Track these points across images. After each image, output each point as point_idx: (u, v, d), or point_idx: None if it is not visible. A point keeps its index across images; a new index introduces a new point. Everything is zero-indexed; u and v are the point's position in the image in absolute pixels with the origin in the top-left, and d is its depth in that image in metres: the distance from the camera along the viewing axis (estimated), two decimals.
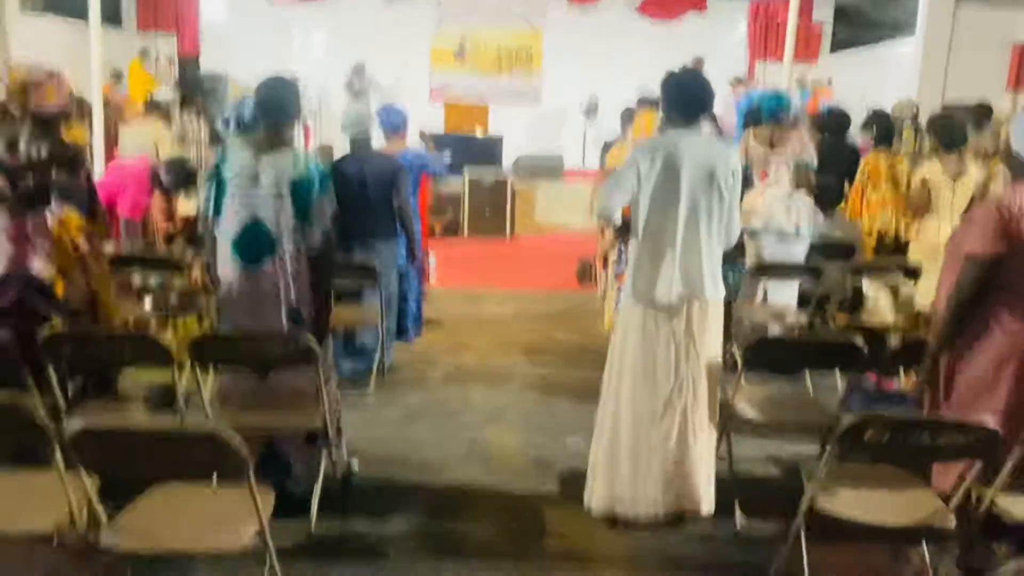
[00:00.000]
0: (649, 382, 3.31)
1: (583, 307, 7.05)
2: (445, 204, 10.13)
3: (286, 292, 3.29)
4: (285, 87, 3.36)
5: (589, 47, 14.42)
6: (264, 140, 3.30)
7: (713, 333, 3.35)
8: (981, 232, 2.80)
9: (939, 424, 2.49)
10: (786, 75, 8.35)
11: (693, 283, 3.26)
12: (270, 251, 3.26)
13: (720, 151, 3.30)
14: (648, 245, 3.28)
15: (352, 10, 14.37)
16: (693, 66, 12.41)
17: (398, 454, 4.03)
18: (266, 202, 3.23)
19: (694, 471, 3.35)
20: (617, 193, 3.26)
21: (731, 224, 3.35)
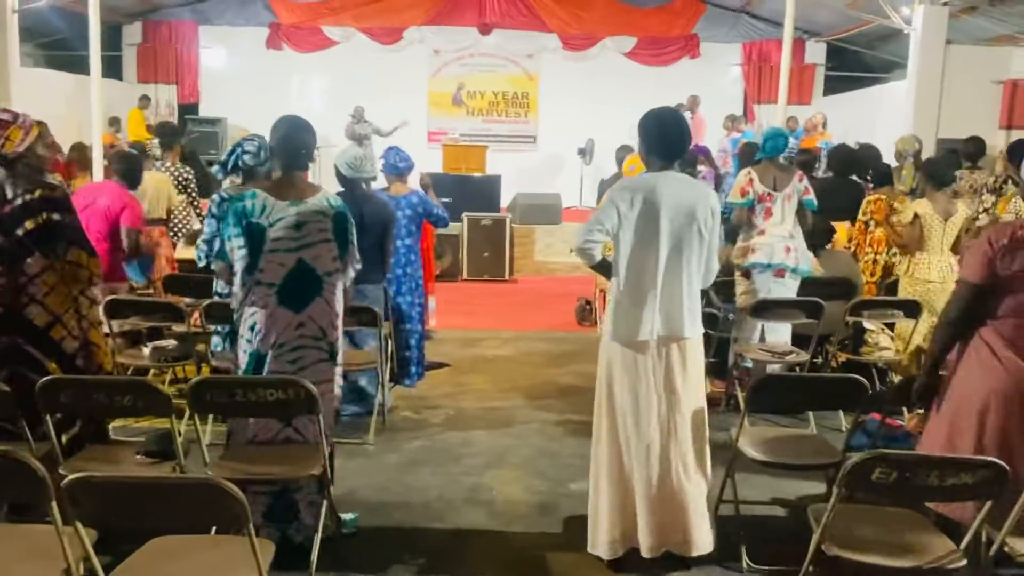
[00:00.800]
0: (632, 422, 3.30)
1: (584, 348, 7.01)
2: (444, 246, 10.14)
3: (330, 332, 3.31)
4: (305, 129, 3.39)
5: (584, 91, 14.65)
6: (290, 184, 3.31)
7: (694, 371, 3.36)
8: (971, 259, 2.91)
9: (947, 463, 2.46)
10: (780, 117, 8.43)
11: (673, 323, 3.26)
12: (317, 293, 3.27)
13: (700, 191, 3.33)
14: (628, 285, 3.29)
15: (350, 57, 14.59)
16: (688, 104, 12.60)
17: (399, 500, 3.99)
18: (311, 246, 3.24)
19: (683, 511, 3.30)
20: (596, 232, 3.28)
21: (710, 263, 3.36)
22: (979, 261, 2.87)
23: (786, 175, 5.38)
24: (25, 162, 3.45)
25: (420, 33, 14.72)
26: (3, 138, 3.38)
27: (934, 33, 10.53)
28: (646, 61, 15.03)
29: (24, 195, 3.38)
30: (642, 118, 3.42)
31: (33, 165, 3.50)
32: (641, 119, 3.42)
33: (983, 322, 2.92)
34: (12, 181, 3.40)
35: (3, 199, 3.38)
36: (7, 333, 3.39)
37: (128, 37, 14.66)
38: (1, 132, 3.39)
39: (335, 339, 3.35)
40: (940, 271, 5.36)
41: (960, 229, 5.41)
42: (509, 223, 10.45)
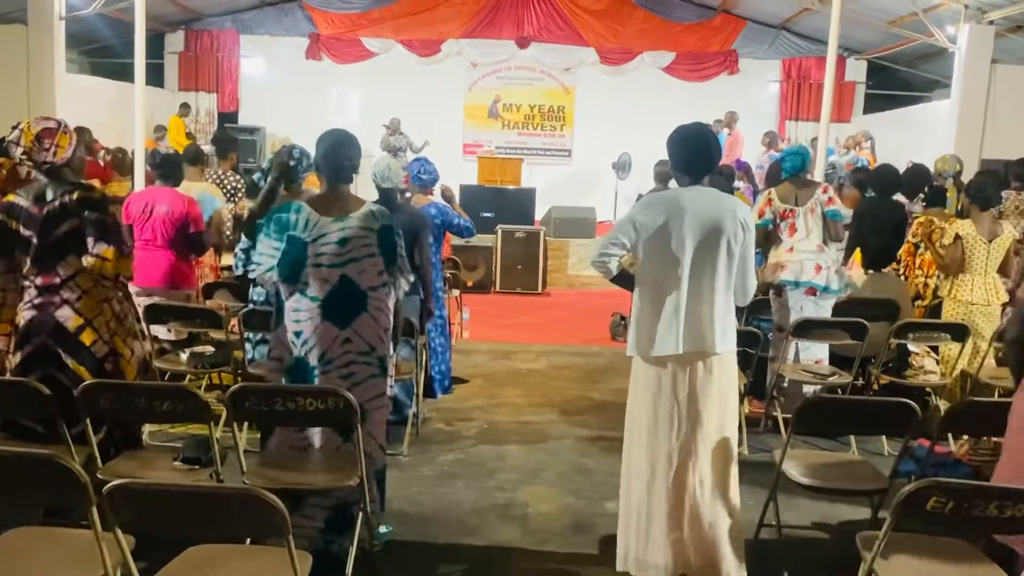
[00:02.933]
0: (651, 439, 3.24)
1: (618, 364, 6.93)
2: (477, 257, 10.14)
3: (379, 346, 3.28)
4: (350, 143, 3.37)
5: (620, 105, 14.63)
6: (335, 198, 3.29)
7: (724, 388, 3.27)
8: None
9: (1007, 493, 2.37)
10: (822, 135, 8.31)
11: (701, 337, 3.19)
12: (363, 309, 3.24)
13: (727, 204, 3.26)
14: (649, 298, 3.24)
15: (388, 68, 14.69)
16: (726, 121, 12.52)
17: (433, 514, 3.95)
18: (356, 261, 3.21)
19: (711, 533, 3.22)
20: (612, 246, 3.26)
21: (745, 277, 3.29)
22: None
23: (808, 190, 5.35)
24: (71, 167, 3.50)
25: (458, 46, 14.79)
26: (54, 146, 3.41)
27: (979, 52, 10.38)
28: (684, 76, 14.97)
29: (63, 197, 3.42)
30: (671, 134, 3.38)
31: (75, 168, 3.54)
32: (669, 135, 3.39)
33: None
34: (53, 185, 3.44)
35: (42, 201, 3.42)
36: (39, 335, 3.41)
37: (170, 45, 14.88)
38: (51, 140, 3.42)
39: (384, 353, 3.32)
40: (984, 292, 5.24)
41: (1008, 250, 5.29)
42: (543, 236, 10.42)
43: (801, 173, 5.46)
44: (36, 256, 3.43)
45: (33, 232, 3.42)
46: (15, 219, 3.43)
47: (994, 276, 5.31)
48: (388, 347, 3.35)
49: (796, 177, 5.42)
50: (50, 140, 3.40)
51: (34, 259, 3.43)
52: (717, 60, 14.94)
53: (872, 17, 11.69)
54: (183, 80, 14.80)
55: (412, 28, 14.55)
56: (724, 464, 3.28)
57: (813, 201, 5.29)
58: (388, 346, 3.35)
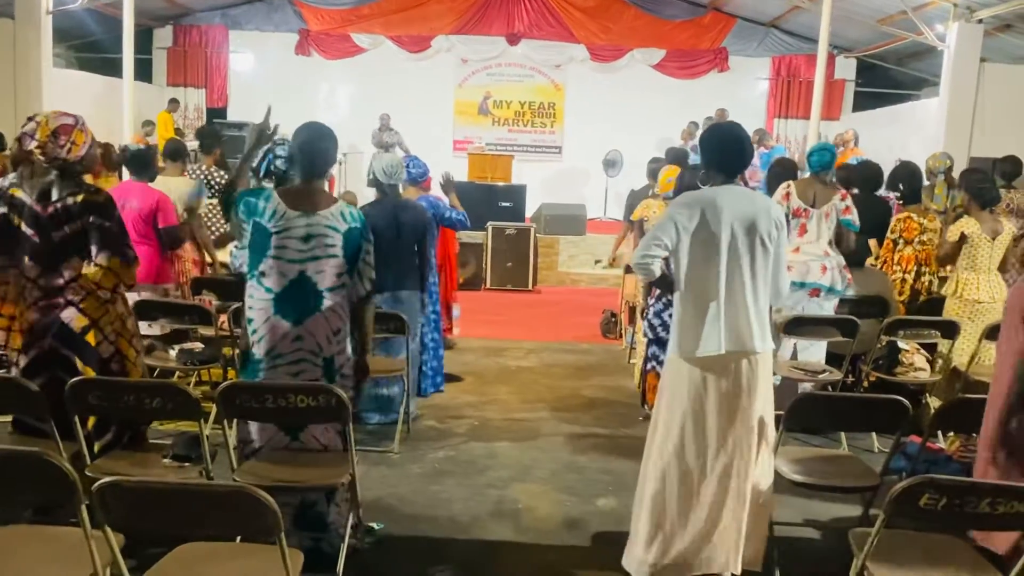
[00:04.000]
0: (699, 440, 3.21)
1: (609, 361, 6.96)
2: (468, 255, 10.12)
3: (327, 347, 3.22)
4: (327, 137, 3.32)
5: (610, 102, 14.64)
6: (306, 193, 3.25)
7: (764, 387, 3.26)
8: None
9: (999, 490, 2.37)
10: (812, 132, 8.34)
11: (741, 337, 3.18)
12: (316, 308, 3.19)
13: (761, 204, 3.26)
14: (691, 300, 3.22)
15: (378, 64, 14.65)
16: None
17: (425, 511, 3.93)
18: (317, 260, 3.17)
19: (738, 531, 3.21)
20: (655, 247, 3.22)
21: (779, 276, 3.29)
22: None
23: (827, 192, 5.27)
24: (82, 165, 3.42)
25: (448, 42, 14.75)
26: (69, 142, 3.32)
27: (968, 51, 10.42)
28: (674, 74, 14.98)
29: (68, 198, 3.34)
30: (704, 133, 3.41)
31: (87, 166, 3.47)
32: (703, 134, 3.41)
33: None
34: (60, 183, 3.36)
35: (47, 200, 3.35)
36: (44, 336, 3.36)
37: (159, 40, 14.79)
38: (67, 137, 3.31)
39: (332, 355, 3.22)
40: (989, 290, 5.25)
41: (1007, 248, 5.31)
42: (533, 233, 10.41)
43: (825, 171, 5.42)
44: (38, 256, 3.36)
45: (35, 231, 3.35)
46: (18, 214, 3.36)
47: (996, 274, 5.32)
48: (338, 349, 3.25)
49: (818, 176, 5.38)
50: (66, 137, 3.33)
51: (36, 259, 3.36)
52: (707, 58, 14.95)
53: (862, 15, 11.73)
54: (172, 75, 14.72)
55: (402, 24, 14.51)
56: (766, 461, 3.27)
57: (830, 206, 5.23)
58: (339, 348, 3.25)
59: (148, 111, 12.89)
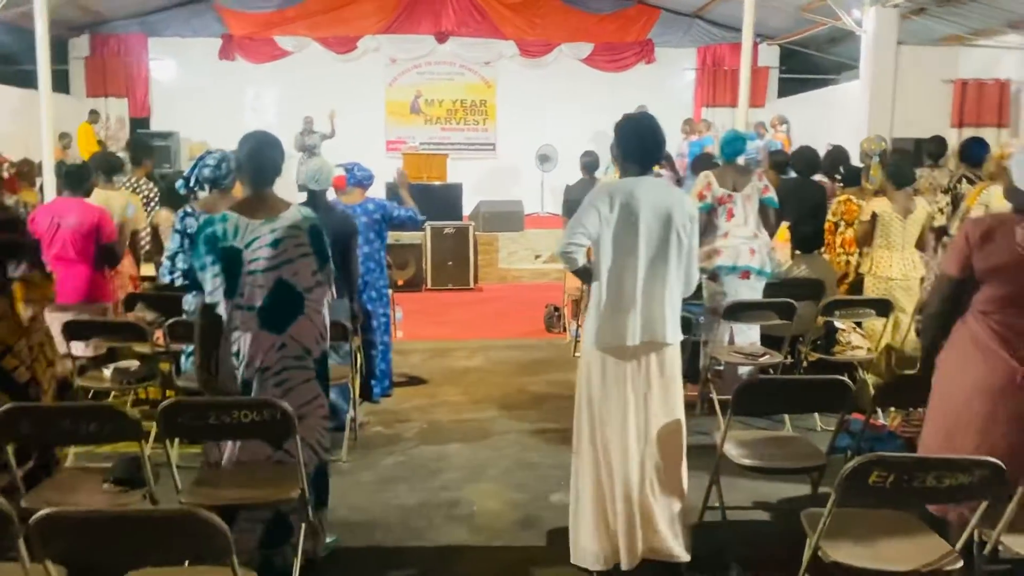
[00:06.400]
0: (611, 429, 3.25)
1: (555, 355, 6.97)
2: (407, 255, 10.04)
3: (317, 348, 3.20)
4: (272, 145, 3.26)
5: (542, 97, 14.67)
6: (260, 201, 3.18)
7: (673, 378, 3.32)
8: (951, 253, 2.95)
9: (945, 464, 2.44)
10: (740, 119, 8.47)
11: (655, 328, 3.22)
12: (300, 311, 3.15)
13: (677, 196, 3.30)
14: (609, 289, 3.24)
15: (305, 66, 14.42)
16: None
17: (378, 519, 3.87)
18: (290, 263, 3.12)
19: (663, 518, 3.27)
20: (579, 235, 3.22)
21: (690, 269, 3.32)
22: (956, 255, 2.89)
23: (745, 176, 5.42)
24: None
25: (376, 42, 14.60)
26: None
27: (885, 34, 10.69)
28: (602, 67, 15.08)
29: None
30: (618, 124, 3.39)
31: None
32: (618, 124, 3.39)
33: (965, 316, 2.92)
34: None
35: None
36: None
37: (75, 50, 14.31)
38: None
39: (322, 355, 3.25)
40: (902, 268, 5.41)
41: (923, 225, 5.47)
42: (472, 231, 10.38)
43: (739, 159, 5.54)
44: None
45: None
46: None
47: (912, 251, 5.48)
48: (325, 349, 3.27)
49: (733, 162, 5.49)
50: None
51: None
52: (634, 50, 15.08)
53: (783, 3, 11.96)
54: (91, 86, 14.25)
55: (328, 25, 14.29)
56: (676, 451, 3.31)
57: (751, 188, 5.36)
58: (325, 348, 3.27)
59: (68, 123, 12.44)
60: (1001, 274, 2.79)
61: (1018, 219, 2.81)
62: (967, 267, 2.85)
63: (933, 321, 3.01)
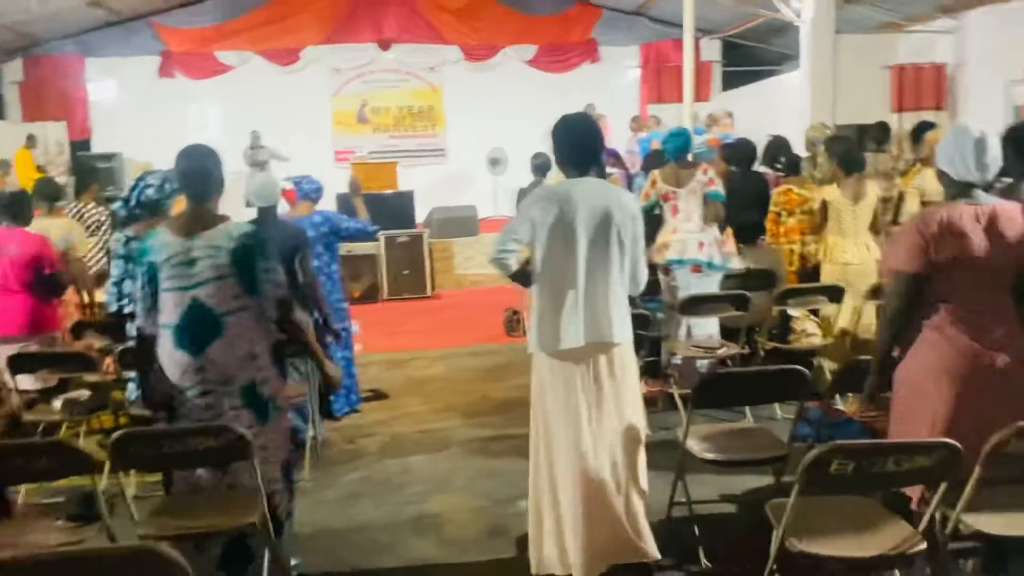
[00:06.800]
0: (563, 434, 3.23)
1: (516, 359, 6.93)
2: (362, 267, 9.95)
3: (240, 374, 3.07)
4: (208, 156, 3.15)
5: (489, 101, 14.65)
6: (192, 218, 3.09)
7: (626, 377, 3.31)
8: (903, 250, 2.87)
9: (902, 448, 2.47)
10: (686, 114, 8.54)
11: (600, 329, 3.21)
12: (217, 334, 3.02)
13: (615, 196, 3.29)
14: (549, 293, 3.24)
15: (248, 80, 14.25)
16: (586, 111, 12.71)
17: (344, 537, 3.82)
18: (206, 284, 3.01)
19: (621, 522, 3.26)
20: (511, 242, 3.25)
21: (637, 267, 3.32)
22: (912, 251, 2.83)
23: (689, 171, 5.48)
24: None
25: (318, 52, 14.46)
26: None
27: (823, 24, 10.85)
28: (548, 68, 15.11)
29: None
30: (553, 127, 3.36)
31: None
32: (552, 128, 3.37)
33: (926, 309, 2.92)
34: None
35: None
36: None
37: (9, 75, 13.93)
38: None
39: (250, 382, 3.07)
40: (857, 253, 5.48)
41: (875, 210, 5.55)
42: (426, 238, 10.33)
43: (683, 155, 5.58)
44: None
45: None
46: None
47: (865, 235, 5.55)
48: (261, 377, 3.11)
49: (679, 159, 5.54)
50: None
51: None
52: (578, 50, 15.14)
53: None
54: (27, 111, 13.88)
55: (268, 38, 14.12)
56: (633, 451, 3.30)
57: (695, 183, 5.42)
58: (262, 376, 3.11)
59: (4, 150, 12.13)
60: (963, 262, 2.80)
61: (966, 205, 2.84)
62: (924, 262, 2.81)
63: (896, 320, 2.92)
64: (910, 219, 3.01)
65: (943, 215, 2.81)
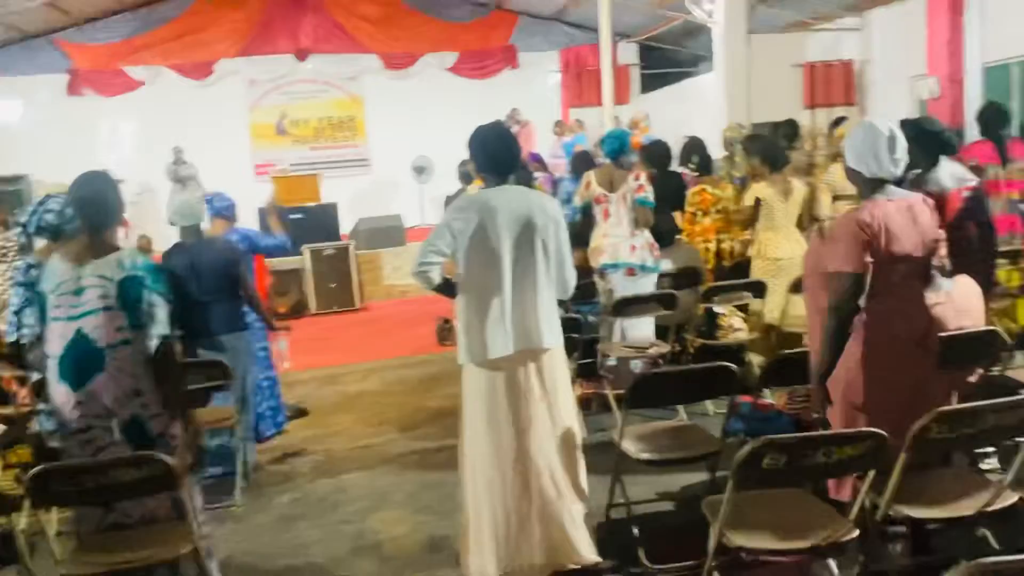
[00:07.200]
0: (505, 442, 3.23)
1: (450, 369, 6.77)
2: (288, 282, 9.77)
3: (122, 410, 2.93)
4: (104, 183, 3.04)
5: (412, 109, 14.53)
6: (86, 246, 2.97)
7: (558, 382, 3.31)
8: (846, 250, 2.88)
9: (831, 439, 2.52)
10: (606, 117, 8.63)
11: (529, 335, 3.22)
12: (99, 368, 2.90)
13: (536, 201, 3.29)
14: (475, 303, 3.23)
15: (161, 96, 13.85)
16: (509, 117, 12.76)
17: (281, 562, 3.73)
18: (92, 314, 2.89)
19: (560, 527, 3.26)
20: (431, 254, 3.22)
21: (563, 271, 3.32)
22: (851, 250, 2.85)
23: (623, 176, 5.51)
24: None
25: (233, 65, 14.15)
26: None
27: (736, 25, 11.09)
28: (469, 75, 15.10)
29: None
30: (469, 138, 3.37)
31: None
32: (469, 139, 3.37)
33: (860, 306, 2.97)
34: None
35: None
36: None
37: None
38: None
39: (137, 416, 2.95)
40: (789, 247, 5.59)
41: (802, 206, 5.66)
42: (353, 250, 10.21)
43: (620, 157, 5.62)
44: None
45: None
46: None
47: (794, 230, 5.67)
48: (148, 414, 2.98)
49: (615, 161, 5.57)
50: None
51: None
52: (497, 56, 15.17)
53: (637, 1, 12.28)
54: None
55: (180, 52, 13.75)
56: (570, 455, 3.31)
57: (625, 188, 5.45)
58: (148, 412, 2.98)
59: None
60: (896, 257, 2.87)
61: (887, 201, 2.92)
62: (864, 261, 2.84)
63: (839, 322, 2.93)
64: (843, 219, 3.02)
65: (876, 212, 2.88)
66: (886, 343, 2.91)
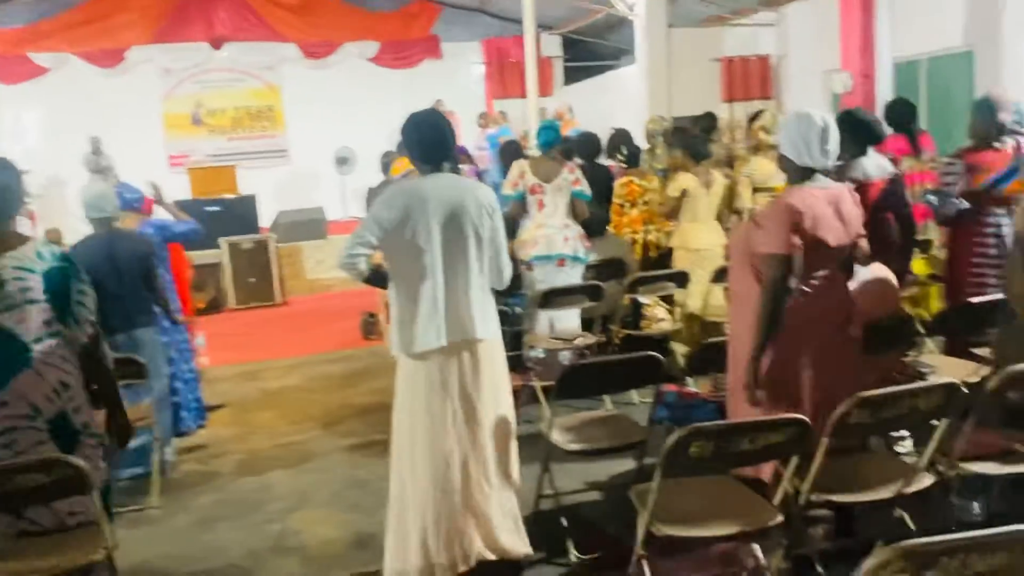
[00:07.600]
0: (439, 435, 3.18)
1: (375, 363, 6.80)
2: (204, 277, 9.49)
3: (49, 406, 2.79)
4: (8, 170, 2.85)
5: (332, 99, 14.28)
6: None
7: (494, 373, 3.28)
8: (776, 232, 2.93)
9: (755, 426, 2.56)
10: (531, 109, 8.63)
11: (463, 326, 3.17)
12: (24, 364, 2.74)
13: (470, 190, 3.25)
14: (407, 294, 3.17)
15: (68, 84, 13.28)
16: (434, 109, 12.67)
17: (200, 565, 3.61)
18: (12, 307, 2.72)
19: (499, 516, 3.25)
20: (359, 245, 3.13)
21: (499, 260, 3.29)
22: (783, 233, 2.89)
23: (556, 167, 5.52)
24: None
25: (146, 52, 13.65)
26: None
27: (656, 18, 11.24)
28: (390, 65, 14.92)
29: None
30: (403, 124, 3.30)
31: None
32: (403, 124, 3.30)
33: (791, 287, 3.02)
34: None
35: None
36: None
37: None
38: None
39: (64, 411, 2.80)
40: (710, 238, 5.67)
41: (722, 198, 5.75)
42: (273, 243, 9.98)
43: (553, 148, 5.62)
44: None
45: None
46: None
47: (714, 222, 5.76)
48: (73, 406, 2.84)
49: (548, 152, 5.56)
50: None
51: None
52: (420, 47, 15.01)
53: None
54: None
55: (88, 38, 13.18)
56: (505, 447, 3.28)
57: (560, 179, 5.46)
58: (73, 405, 2.84)
59: None
60: (821, 243, 2.93)
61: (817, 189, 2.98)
62: (794, 243, 2.88)
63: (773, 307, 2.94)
64: (773, 203, 3.08)
65: (804, 198, 2.94)
66: (807, 326, 2.98)
